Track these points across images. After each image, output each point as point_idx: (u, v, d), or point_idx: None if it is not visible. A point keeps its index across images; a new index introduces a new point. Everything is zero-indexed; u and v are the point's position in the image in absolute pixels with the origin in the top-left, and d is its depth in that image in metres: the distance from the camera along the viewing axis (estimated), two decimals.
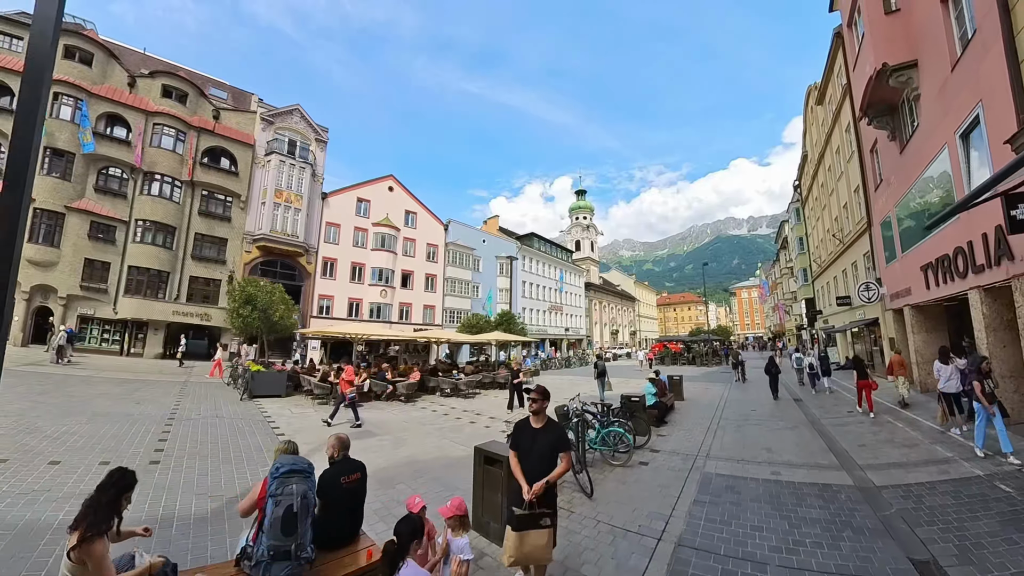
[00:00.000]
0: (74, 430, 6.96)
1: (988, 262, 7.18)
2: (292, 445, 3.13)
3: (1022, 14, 5.64)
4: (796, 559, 3.36)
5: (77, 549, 2.00)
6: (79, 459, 5.65)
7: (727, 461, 6.16)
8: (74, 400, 9.42)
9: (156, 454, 6.17)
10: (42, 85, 2.30)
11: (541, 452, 2.85)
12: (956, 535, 3.54)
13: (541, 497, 2.71)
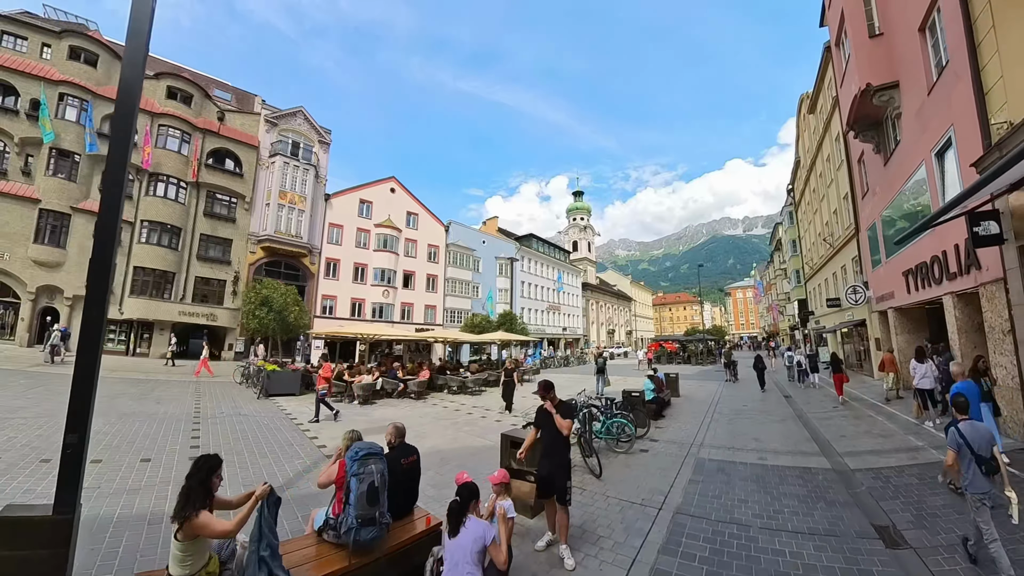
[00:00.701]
0: (106, 430, 7.29)
1: (959, 271, 7.90)
2: (357, 433, 3.70)
3: (987, 50, 6.33)
4: (775, 523, 4.06)
5: (182, 530, 2.30)
6: (120, 457, 5.97)
7: (719, 449, 6.86)
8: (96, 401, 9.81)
9: (193, 451, 6.55)
10: (133, 118, 2.86)
11: (553, 427, 3.66)
12: (915, 508, 4.21)
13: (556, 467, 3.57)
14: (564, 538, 3.51)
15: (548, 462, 3.66)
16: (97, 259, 2.81)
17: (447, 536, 2.72)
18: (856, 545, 3.60)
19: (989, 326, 7.35)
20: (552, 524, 3.76)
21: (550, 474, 3.58)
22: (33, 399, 9.11)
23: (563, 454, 3.68)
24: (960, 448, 3.21)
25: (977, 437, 3.22)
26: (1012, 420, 6.84)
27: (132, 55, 2.87)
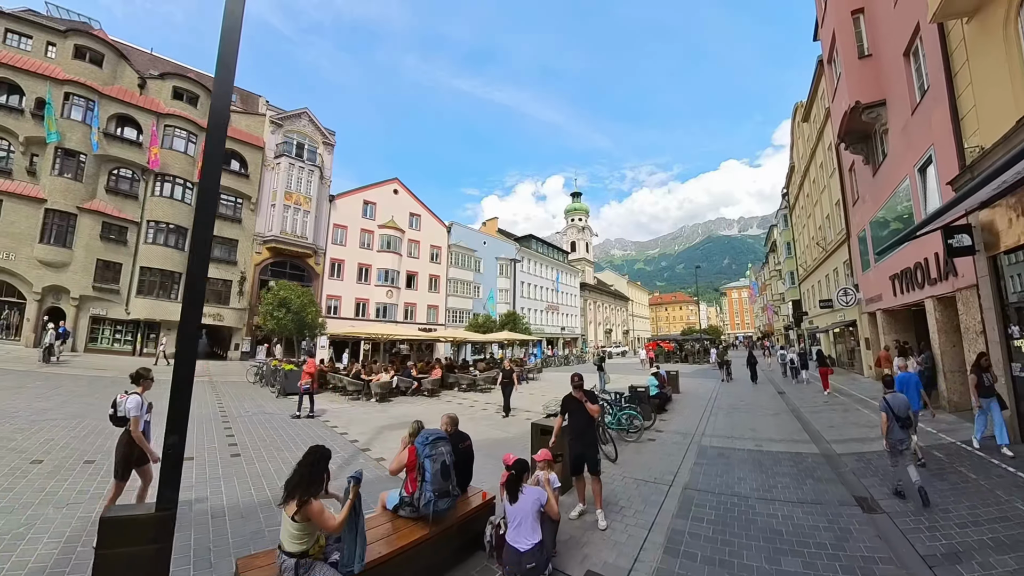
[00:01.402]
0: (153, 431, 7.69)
1: (939, 277, 8.69)
2: (420, 424, 4.31)
3: (962, 81, 7.10)
4: (769, 495, 4.83)
5: (299, 513, 2.48)
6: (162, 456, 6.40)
7: (719, 438, 7.63)
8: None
9: (231, 448, 6.84)
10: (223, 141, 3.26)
11: (581, 411, 4.37)
12: (891, 484, 4.95)
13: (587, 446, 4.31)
14: (599, 503, 4.20)
15: (580, 443, 4.33)
16: (192, 272, 2.91)
17: (508, 503, 3.35)
18: (838, 511, 4.34)
19: (965, 327, 8.14)
20: (583, 497, 4.44)
21: (583, 452, 4.27)
22: (56, 401, 9.26)
23: (592, 434, 4.39)
24: (887, 412, 4.73)
25: (896, 404, 4.76)
26: None
27: (221, 88, 3.13)
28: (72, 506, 4.38)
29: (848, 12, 11.04)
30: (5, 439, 6.32)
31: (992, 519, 4.01)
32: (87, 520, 4.06)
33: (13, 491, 4.60)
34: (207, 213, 3.05)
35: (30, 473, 5.15)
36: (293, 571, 2.46)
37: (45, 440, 6.46)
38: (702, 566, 3.43)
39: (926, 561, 3.29)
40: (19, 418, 7.58)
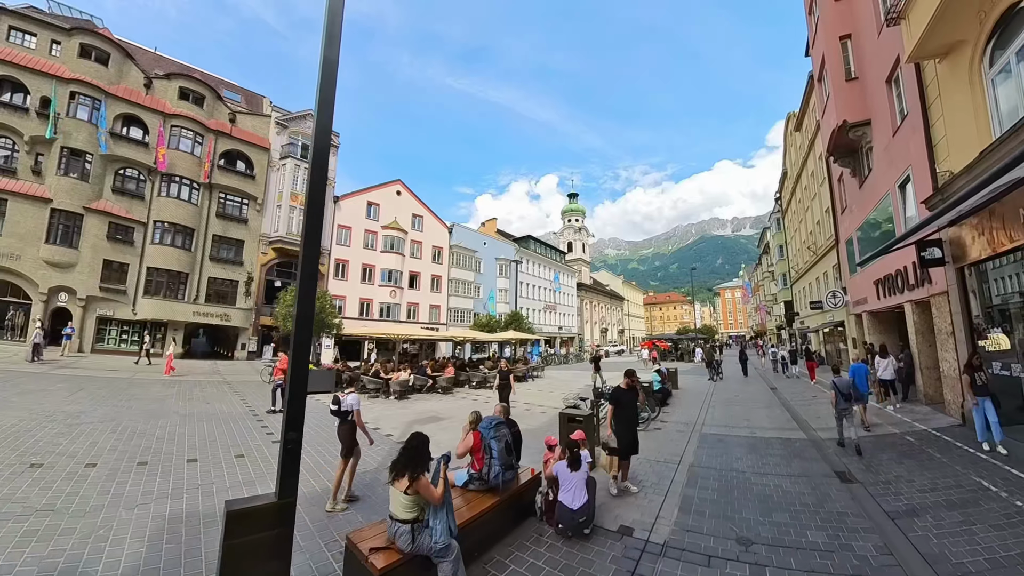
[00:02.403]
0: (182, 431, 7.67)
1: (916, 283, 9.72)
2: (479, 413, 5.08)
3: (935, 112, 8.09)
4: (763, 470, 5.84)
5: (411, 487, 2.99)
6: (212, 454, 6.43)
7: (717, 427, 8.64)
8: (144, 402, 10.05)
9: (273, 445, 7.06)
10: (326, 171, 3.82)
11: (632, 402, 5.17)
12: (868, 461, 5.93)
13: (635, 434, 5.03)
14: (627, 476, 5.06)
15: (628, 430, 5.07)
16: (305, 277, 3.11)
17: (568, 470, 4.19)
18: (820, 481, 5.31)
19: (938, 329, 9.18)
20: (626, 476, 5.22)
21: (634, 439, 5.07)
22: (86, 404, 9.29)
23: (636, 422, 5.21)
24: (834, 389, 6.83)
25: (841, 384, 6.86)
26: (951, 404, 8.69)
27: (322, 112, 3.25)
28: (142, 507, 4.53)
29: (837, 37, 12.05)
30: (52, 443, 6.42)
31: (948, 487, 4.96)
32: (163, 519, 4.26)
33: (79, 495, 4.71)
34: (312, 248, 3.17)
35: (89, 476, 5.25)
36: (409, 534, 3.07)
37: (90, 444, 6.55)
38: (710, 520, 4.35)
39: (889, 516, 4.22)
40: (56, 422, 7.63)
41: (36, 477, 5.12)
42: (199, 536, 3.98)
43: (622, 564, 3.58)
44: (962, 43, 6.91)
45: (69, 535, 3.88)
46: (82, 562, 3.50)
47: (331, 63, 3.41)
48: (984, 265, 7.42)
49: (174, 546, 3.78)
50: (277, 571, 2.73)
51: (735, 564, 3.53)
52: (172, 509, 4.56)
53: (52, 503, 4.49)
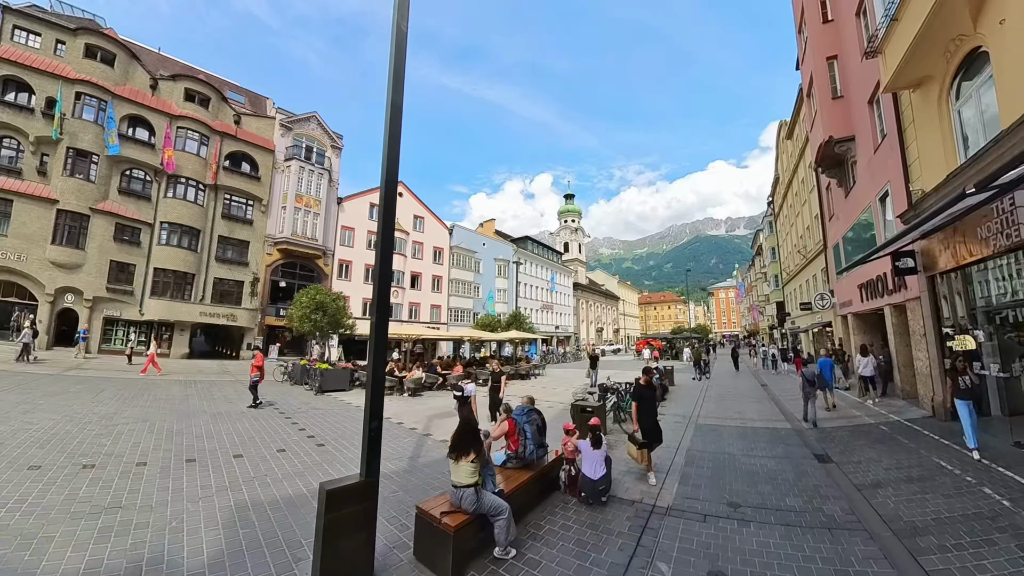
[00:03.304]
0: (215, 429, 7.95)
1: (894, 288, 10.70)
2: (509, 404, 5.88)
3: (910, 136, 9.02)
4: (751, 453, 6.79)
5: (478, 458, 3.71)
6: (255, 450, 6.72)
7: (711, 418, 9.61)
8: (169, 403, 10.36)
9: (310, 440, 7.46)
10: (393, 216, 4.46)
11: (652, 397, 5.94)
12: (844, 447, 6.83)
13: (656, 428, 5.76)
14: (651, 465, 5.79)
15: (650, 422, 5.82)
16: (379, 280, 3.61)
17: (591, 448, 4.99)
18: (800, 462, 6.22)
19: (912, 330, 10.15)
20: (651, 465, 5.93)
21: (657, 429, 5.80)
22: (113, 405, 9.47)
23: (656, 414, 5.90)
24: (802, 376, 8.82)
25: (807, 373, 8.88)
26: (924, 398, 9.66)
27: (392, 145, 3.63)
28: (204, 500, 4.78)
29: (824, 57, 13.00)
30: (95, 445, 6.57)
31: (910, 466, 5.87)
32: (229, 509, 4.53)
33: (139, 492, 4.89)
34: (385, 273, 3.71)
35: (143, 475, 5.43)
36: (473, 495, 3.81)
37: (133, 444, 6.71)
38: (705, 490, 5.24)
39: (857, 487, 5.10)
40: (92, 424, 7.76)
41: (92, 477, 5.26)
42: (270, 521, 4.32)
43: (635, 521, 4.42)
44: (932, 77, 7.83)
45: (144, 529, 4.06)
46: (166, 551, 3.69)
47: (397, 107, 3.86)
48: (954, 273, 8.36)
49: (250, 531, 4.08)
50: (365, 540, 3.30)
51: (726, 520, 4.40)
52: (235, 499, 4.86)
53: (117, 501, 4.65)
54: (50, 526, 4.01)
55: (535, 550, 3.88)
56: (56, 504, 4.46)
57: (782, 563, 3.60)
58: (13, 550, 3.56)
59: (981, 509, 4.48)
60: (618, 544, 3.97)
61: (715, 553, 3.79)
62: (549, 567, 3.61)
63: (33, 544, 3.69)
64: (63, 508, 4.39)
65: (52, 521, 4.10)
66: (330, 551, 3.06)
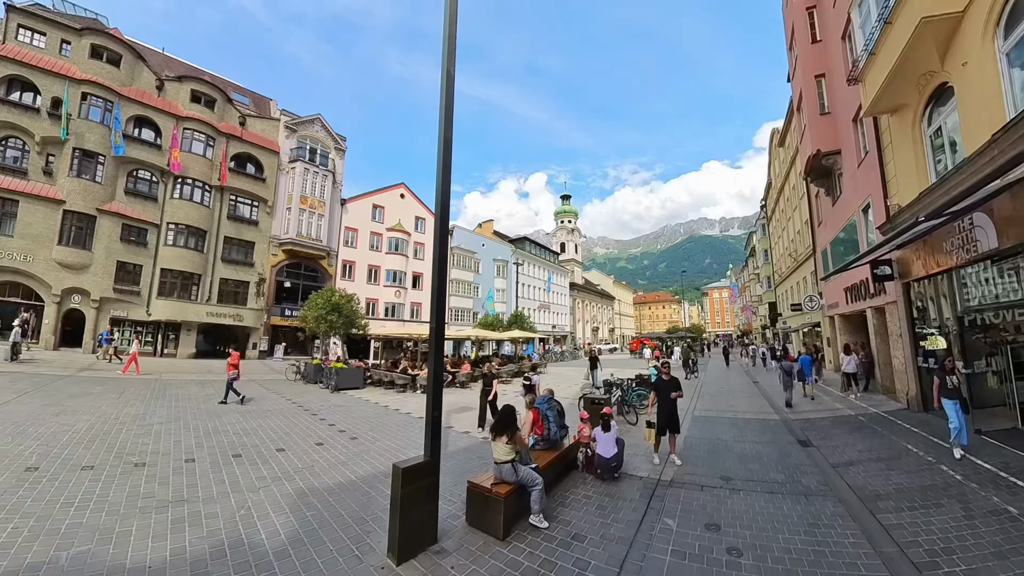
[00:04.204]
0: (249, 426, 8.32)
1: (875, 292, 11.72)
2: (532, 397, 6.67)
3: (888, 155, 10.01)
4: (741, 439, 7.75)
5: (513, 439, 4.44)
6: (295, 444, 7.16)
7: (706, 411, 10.60)
8: (193, 402, 10.69)
9: (342, 434, 7.95)
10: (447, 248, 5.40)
11: (668, 390, 6.65)
12: (825, 434, 7.77)
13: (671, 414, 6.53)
14: (675, 449, 6.61)
15: (665, 411, 6.57)
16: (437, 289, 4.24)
17: (603, 432, 5.85)
18: (784, 446, 7.18)
19: (890, 331, 11.18)
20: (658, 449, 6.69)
21: (672, 418, 6.57)
22: (139, 406, 9.70)
23: (673, 406, 6.57)
24: (780, 369, 11.29)
25: (786, 366, 11.20)
26: (900, 392, 10.67)
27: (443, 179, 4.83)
28: (264, 489, 5.07)
29: (812, 76, 13.99)
30: (139, 444, 6.77)
31: (881, 449, 6.82)
32: (290, 496, 4.92)
33: (197, 486, 5.10)
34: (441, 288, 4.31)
35: (195, 470, 5.70)
36: (511, 469, 4.61)
37: (174, 442, 6.94)
38: (702, 468, 6.18)
39: (832, 465, 6.05)
40: (127, 424, 7.95)
41: (147, 474, 5.45)
42: (330, 504, 4.75)
43: (644, 491, 5.30)
44: (906, 105, 8.79)
45: (214, 518, 4.32)
46: (243, 535, 3.96)
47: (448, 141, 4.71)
48: (926, 280, 9.35)
49: (315, 513, 4.47)
50: (431, 511, 4.00)
51: (719, 490, 5.32)
52: (292, 488, 5.21)
53: (179, 495, 4.87)
54: (123, 521, 4.18)
55: (564, 513, 4.74)
56: (121, 500, 4.64)
57: (765, 519, 4.50)
58: (96, 545, 3.72)
59: (936, 482, 5.42)
60: (632, 507, 4.86)
61: (711, 512, 4.69)
62: (578, 524, 4.46)
63: (113, 538, 3.85)
64: (129, 504, 4.57)
65: (123, 516, 4.27)
66: (404, 519, 3.75)
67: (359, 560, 3.66)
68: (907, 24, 7.21)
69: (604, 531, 4.31)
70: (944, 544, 3.86)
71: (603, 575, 3.53)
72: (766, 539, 4.08)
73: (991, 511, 4.51)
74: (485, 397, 9.17)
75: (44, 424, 7.51)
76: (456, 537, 4.16)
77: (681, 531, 4.28)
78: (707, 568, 3.61)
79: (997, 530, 4.09)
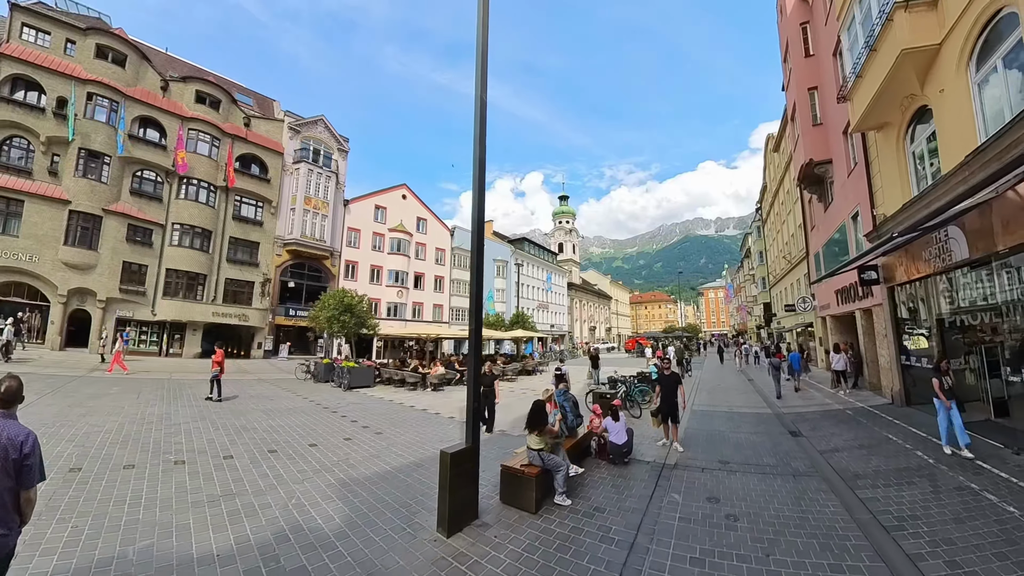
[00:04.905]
0: (277, 424, 8.68)
1: (863, 295, 12.55)
2: (551, 391, 7.36)
3: (875, 168, 10.82)
4: (736, 430, 8.59)
5: (542, 434, 5.21)
6: (325, 440, 7.55)
7: (704, 406, 11.42)
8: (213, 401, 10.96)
9: (365, 430, 8.45)
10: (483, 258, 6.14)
11: (671, 385, 7.37)
12: (814, 426, 8.56)
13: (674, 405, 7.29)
14: (676, 438, 7.37)
15: (667, 403, 7.33)
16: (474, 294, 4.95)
17: (613, 421, 6.57)
18: (776, 436, 7.96)
19: (877, 331, 12.01)
20: (667, 435, 7.47)
21: (670, 410, 7.31)
22: (160, 406, 9.95)
23: (674, 399, 7.34)
24: (769, 364, 13.38)
25: (773, 362, 12.89)
26: (886, 388, 11.51)
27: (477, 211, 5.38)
28: (308, 480, 5.46)
29: (806, 88, 14.82)
30: (172, 442, 6.99)
31: (864, 438, 7.60)
32: (334, 486, 5.31)
33: (241, 480, 5.43)
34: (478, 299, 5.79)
35: (235, 465, 6.00)
36: (539, 456, 5.31)
37: (207, 440, 7.22)
38: (702, 454, 6.96)
39: (820, 452, 6.82)
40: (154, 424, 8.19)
41: (190, 471, 5.65)
42: (374, 491, 5.22)
43: (652, 473, 6.06)
44: (891, 124, 9.59)
45: (268, 508, 4.58)
46: (301, 522, 4.25)
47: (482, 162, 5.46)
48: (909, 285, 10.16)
49: (362, 500, 4.91)
50: (472, 491, 4.67)
51: (717, 472, 6.10)
52: (334, 479, 5.56)
53: (227, 489, 5.08)
54: (178, 515, 4.36)
55: (584, 491, 5.45)
56: (170, 496, 4.83)
57: (757, 494, 5.26)
58: (158, 539, 3.88)
59: (910, 464, 6.19)
60: (643, 485, 5.60)
61: (711, 489, 5.46)
62: (597, 500, 5.17)
63: (173, 531, 4.02)
64: (179, 499, 4.77)
65: (177, 511, 4.46)
66: (452, 497, 4.38)
67: (412, 536, 4.17)
68: (890, 52, 7.98)
69: (620, 504, 5.03)
70: (911, 513, 4.60)
71: (623, 536, 4.23)
72: (758, 508, 4.83)
73: (956, 487, 5.27)
74: (489, 399, 8.69)
75: (74, 425, 7.56)
76: (493, 513, 4.81)
77: (686, 503, 5.02)
78: (710, 530, 4.33)
79: (959, 502, 4.83)
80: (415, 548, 3.93)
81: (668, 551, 3.94)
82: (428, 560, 3.72)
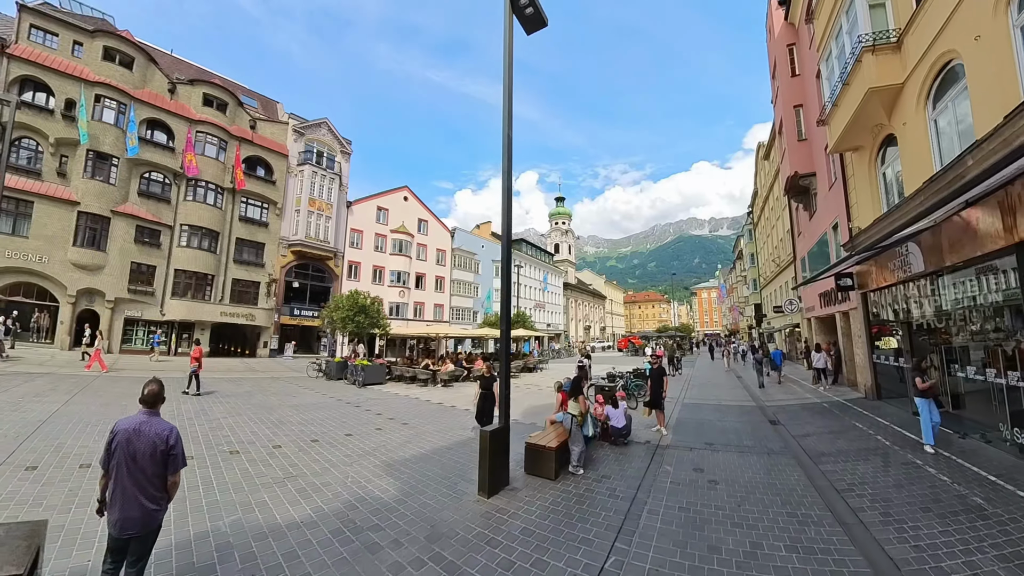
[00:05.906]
0: (308, 417, 9.33)
1: (842, 299, 13.80)
2: (560, 382, 8.45)
3: (851, 185, 12.04)
4: (722, 419, 9.77)
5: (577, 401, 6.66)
6: (357, 430, 8.26)
7: (695, 399, 12.66)
8: (240, 398, 11.49)
9: (391, 421, 9.25)
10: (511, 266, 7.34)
11: (657, 377, 8.60)
12: (792, 416, 9.75)
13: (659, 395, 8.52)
14: (662, 423, 8.56)
15: (653, 392, 8.54)
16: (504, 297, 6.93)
17: (612, 408, 7.68)
18: (758, 425, 9.14)
19: (853, 332, 13.26)
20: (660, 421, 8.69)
21: (656, 397, 8.49)
22: (191, 403, 10.36)
23: (660, 388, 8.53)
24: (753, 359, 15.70)
25: (758, 357, 15.28)
26: (860, 384, 12.77)
27: None
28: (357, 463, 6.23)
29: (792, 105, 16.05)
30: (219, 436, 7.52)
31: (834, 425, 8.81)
32: (380, 466, 6.09)
33: (296, 465, 6.11)
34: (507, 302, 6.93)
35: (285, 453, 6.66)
36: (571, 420, 6.43)
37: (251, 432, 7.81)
38: (690, 437, 8.13)
39: (793, 436, 8.00)
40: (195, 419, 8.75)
41: (247, 459, 6.25)
42: (419, 470, 6.08)
43: (648, 451, 7.20)
44: (863, 147, 10.80)
45: (330, 486, 5.23)
46: (364, 494, 5.03)
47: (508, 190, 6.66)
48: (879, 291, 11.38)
49: (409, 475, 5.77)
50: (505, 462, 5.63)
51: (704, 450, 7.27)
52: (379, 461, 6.31)
53: (287, 472, 5.73)
54: (253, 495, 4.89)
55: (592, 465, 6.56)
56: (238, 480, 5.38)
57: (736, 466, 6.44)
58: (243, 514, 4.40)
59: (870, 446, 7.36)
60: (640, 460, 6.76)
61: (697, 462, 6.64)
62: (604, 470, 6.29)
63: (254, 508, 4.54)
64: (248, 482, 5.32)
65: (251, 492, 4.99)
66: (492, 466, 5.43)
67: (458, 499, 5.16)
68: (860, 88, 9.15)
69: (623, 472, 6.19)
70: (861, 480, 5.75)
71: (626, 494, 5.35)
72: (735, 476, 6.01)
73: (904, 463, 6.43)
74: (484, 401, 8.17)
75: None
76: (520, 480, 5.90)
77: (676, 472, 6.19)
78: (695, 490, 5.50)
79: (903, 473, 5.99)
80: (464, 507, 4.95)
81: (661, 503, 5.08)
82: (477, 514, 4.75)
